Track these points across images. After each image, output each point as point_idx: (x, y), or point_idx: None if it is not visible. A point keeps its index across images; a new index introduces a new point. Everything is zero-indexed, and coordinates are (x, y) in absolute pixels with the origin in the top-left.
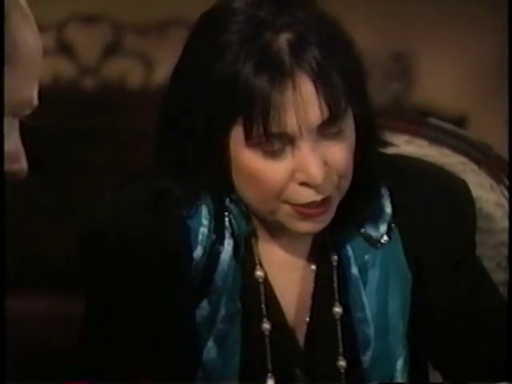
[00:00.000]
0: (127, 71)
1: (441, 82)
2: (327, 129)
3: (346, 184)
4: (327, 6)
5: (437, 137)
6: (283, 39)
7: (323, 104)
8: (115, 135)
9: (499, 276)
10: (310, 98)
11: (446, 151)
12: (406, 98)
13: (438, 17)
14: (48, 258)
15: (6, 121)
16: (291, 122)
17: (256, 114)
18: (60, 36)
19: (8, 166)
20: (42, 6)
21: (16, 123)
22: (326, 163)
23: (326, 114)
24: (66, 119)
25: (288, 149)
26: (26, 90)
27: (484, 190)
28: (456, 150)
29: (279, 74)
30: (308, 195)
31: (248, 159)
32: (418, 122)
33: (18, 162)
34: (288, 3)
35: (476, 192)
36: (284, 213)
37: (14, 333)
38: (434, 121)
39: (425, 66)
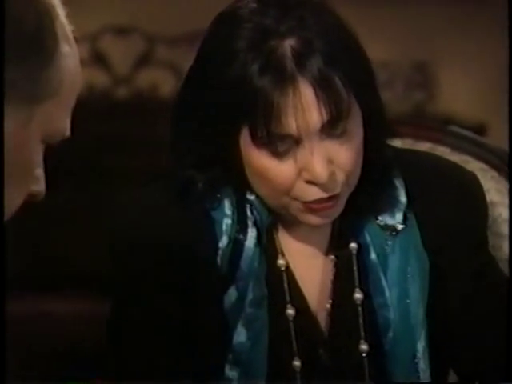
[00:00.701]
0: (158, 81)
1: (461, 91)
2: (330, 130)
3: (354, 180)
4: (348, 17)
5: (458, 144)
6: (287, 45)
7: (323, 109)
8: (147, 143)
9: None
10: (310, 103)
11: (467, 158)
12: (427, 106)
13: (458, 27)
14: (75, 259)
15: (35, 147)
16: (292, 125)
17: (259, 116)
18: (94, 47)
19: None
20: (76, 18)
21: (42, 148)
22: (331, 162)
23: (326, 117)
24: (100, 128)
25: (293, 149)
26: (63, 122)
27: (504, 196)
28: (476, 156)
29: (281, 78)
30: (314, 193)
31: (256, 158)
32: (440, 130)
33: (38, 185)
34: (294, 7)
35: (496, 198)
36: (295, 207)
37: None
38: (455, 129)
39: (446, 75)
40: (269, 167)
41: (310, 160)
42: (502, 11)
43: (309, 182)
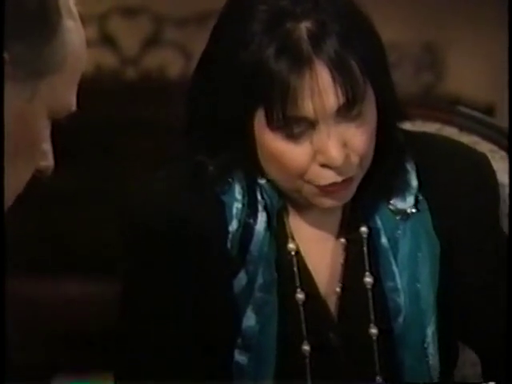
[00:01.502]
0: (167, 62)
1: (470, 72)
2: (346, 112)
3: (367, 163)
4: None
5: (467, 125)
6: (303, 27)
7: (339, 91)
8: (155, 124)
9: None
10: (327, 86)
11: (476, 139)
12: (436, 87)
13: (468, 9)
14: (85, 241)
15: (41, 122)
16: (308, 108)
17: (275, 99)
18: (102, 28)
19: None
20: None
21: (48, 124)
22: (345, 145)
23: (343, 100)
24: (108, 108)
25: (308, 132)
26: (69, 97)
27: None
28: (485, 137)
29: (298, 61)
30: (329, 176)
31: (271, 141)
32: (449, 110)
33: (46, 160)
34: None
35: (505, 179)
36: (308, 191)
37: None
38: (464, 109)
39: (454, 56)
40: (283, 150)
41: (325, 143)
42: None
43: (323, 166)
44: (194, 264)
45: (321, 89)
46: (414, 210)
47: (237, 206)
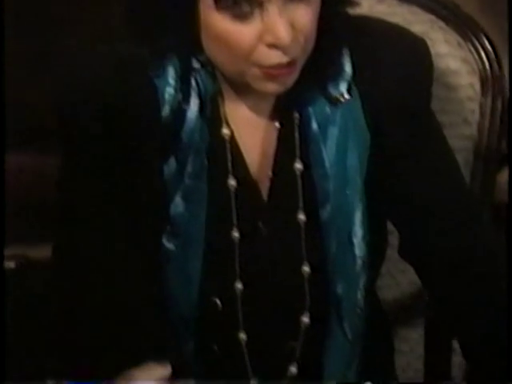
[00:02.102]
0: None
1: None
2: None
3: (310, 46)
4: None
5: None
6: None
7: None
8: None
9: (465, 130)
10: None
11: (415, 9)
12: None
13: None
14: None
15: None
16: None
17: None
18: None
19: None
20: None
21: None
22: (292, 26)
23: None
24: None
25: (256, 11)
26: None
27: (451, 47)
28: (424, 8)
29: None
30: (275, 56)
31: (217, 22)
32: None
33: None
34: None
35: (444, 48)
36: (252, 74)
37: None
38: None
39: None
40: (230, 31)
41: (273, 22)
42: None
43: (270, 46)
44: (126, 146)
45: None
46: (346, 97)
47: (169, 92)
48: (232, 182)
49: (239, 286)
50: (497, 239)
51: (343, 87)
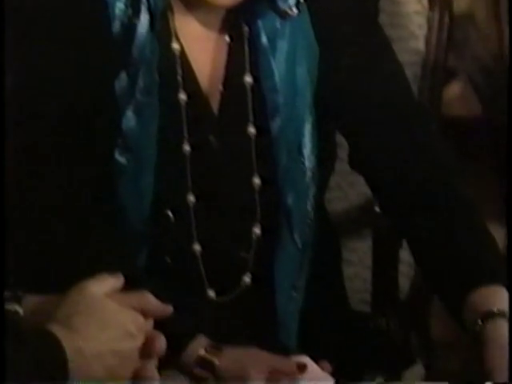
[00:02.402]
0: None
1: None
2: None
3: None
4: None
5: None
6: None
7: None
8: None
9: (412, 44)
10: None
11: None
12: None
13: None
14: None
15: None
16: None
17: None
18: None
19: None
20: None
21: None
22: None
23: None
24: None
25: None
26: None
27: None
28: None
29: None
30: None
31: None
32: None
33: None
34: None
35: None
36: None
37: None
38: None
39: None
40: None
41: None
42: None
43: None
44: (76, 61)
45: None
46: (294, 10)
47: (119, 7)
48: (182, 96)
49: (191, 198)
50: (444, 148)
51: (291, 0)
